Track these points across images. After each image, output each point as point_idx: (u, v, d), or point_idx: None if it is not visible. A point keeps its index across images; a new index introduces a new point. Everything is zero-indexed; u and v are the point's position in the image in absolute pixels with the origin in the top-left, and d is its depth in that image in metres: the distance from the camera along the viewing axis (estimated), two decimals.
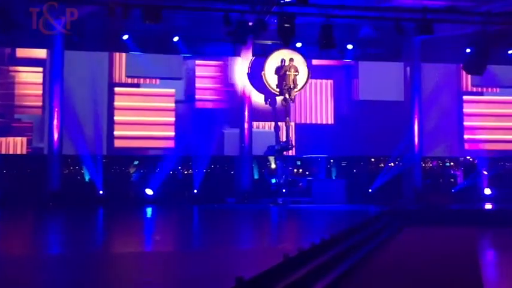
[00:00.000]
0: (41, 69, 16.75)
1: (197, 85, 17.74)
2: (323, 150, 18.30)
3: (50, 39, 16.00)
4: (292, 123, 17.85)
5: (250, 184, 17.59)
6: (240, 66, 17.72)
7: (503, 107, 19.27)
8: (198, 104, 17.69)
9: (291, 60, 17.31)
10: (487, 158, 19.26)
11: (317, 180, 17.72)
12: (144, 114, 17.23)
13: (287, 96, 17.22)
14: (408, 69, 18.60)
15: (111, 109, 17.18)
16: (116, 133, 17.06)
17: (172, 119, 17.38)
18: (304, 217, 14.40)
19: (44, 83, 16.70)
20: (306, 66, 17.63)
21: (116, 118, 17.09)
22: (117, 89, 17.20)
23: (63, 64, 16.34)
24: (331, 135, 18.22)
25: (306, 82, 17.71)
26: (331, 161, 19.73)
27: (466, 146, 19.02)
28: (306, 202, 16.81)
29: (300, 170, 17.77)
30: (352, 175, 19.50)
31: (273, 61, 17.49)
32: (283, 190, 17.02)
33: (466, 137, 18.96)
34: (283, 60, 17.33)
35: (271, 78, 17.45)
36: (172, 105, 17.42)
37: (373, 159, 20.78)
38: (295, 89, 17.37)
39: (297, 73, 17.30)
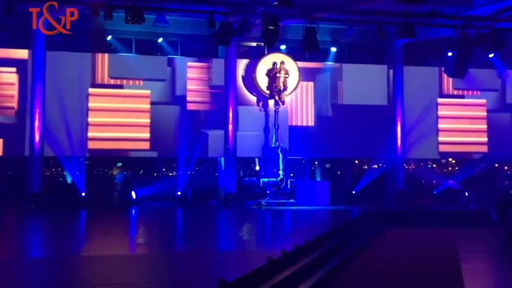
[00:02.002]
0: (14, 69, 16.41)
1: (181, 86, 17.65)
2: (306, 152, 18.34)
3: (31, 40, 15.81)
4: None
5: (234, 186, 17.57)
6: (224, 67, 17.69)
7: (483, 110, 19.56)
8: (182, 106, 17.60)
9: (282, 63, 17.44)
10: (467, 160, 19.55)
11: (301, 182, 17.76)
12: (119, 115, 16.91)
13: (277, 98, 17.30)
14: (391, 72, 18.79)
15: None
16: (90, 135, 16.70)
17: (148, 121, 17.17)
18: (288, 219, 14.44)
19: (21, 84, 16.38)
20: (297, 70, 17.74)
21: (90, 120, 16.74)
22: (91, 90, 16.90)
23: (45, 65, 16.15)
24: (313, 137, 18.29)
25: (297, 85, 17.82)
26: (316, 162, 19.81)
27: (447, 148, 19.27)
28: (290, 204, 16.86)
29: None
30: (336, 177, 19.61)
31: (265, 63, 17.60)
32: (267, 192, 17.05)
33: (447, 139, 19.21)
34: (274, 63, 17.45)
35: (261, 80, 17.55)
36: (148, 106, 17.24)
37: (356, 161, 20.92)
38: (285, 92, 17.47)
39: (287, 75, 17.43)
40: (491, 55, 17.80)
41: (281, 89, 17.30)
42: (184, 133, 17.34)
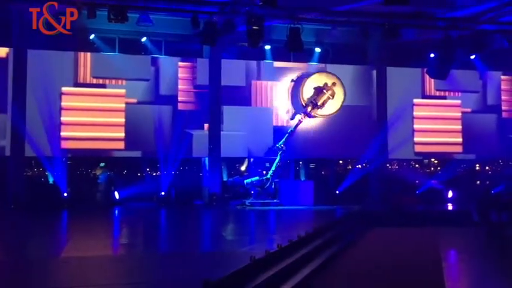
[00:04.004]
0: None
1: (165, 86, 17.54)
2: (291, 153, 18.34)
3: (12, 38, 15.56)
4: None
5: (219, 186, 17.53)
6: (209, 67, 17.63)
7: (458, 111, 19.74)
8: (166, 105, 17.49)
9: (334, 84, 17.63)
10: (449, 160, 19.77)
11: (285, 182, 17.78)
12: (96, 115, 16.65)
13: (308, 109, 17.38)
14: (374, 72, 18.93)
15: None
16: (70, 134, 16.40)
17: (123, 120, 16.90)
18: (272, 219, 14.45)
19: (3, 83, 16.14)
20: (342, 100, 17.93)
21: (69, 119, 16.44)
22: (64, 89, 16.54)
23: (26, 63, 15.91)
24: (298, 137, 18.32)
25: (334, 112, 17.92)
26: (300, 162, 19.86)
27: (422, 148, 19.42)
28: (274, 204, 16.88)
29: (267, 172, 17.84)
30: (320, 177, 19.67)
31: (319, 78, 17.86)
32: (251, 192, 17.06)
33: (423, 139, 19.33)
34: (326, 84, 17.70)
35: (307, 90, 17.74)
36: (123, 105, 16.98)
37: (341, 162, 21.02)
38: (319, 110, 17.57)
39: (331, 97, 17.59)
40: (472, 56, 18.05)
41: (318, 104, 17.42)
42: (168, 133, 17.25)
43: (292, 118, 17.87)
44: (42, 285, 6.26)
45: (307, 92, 17.82)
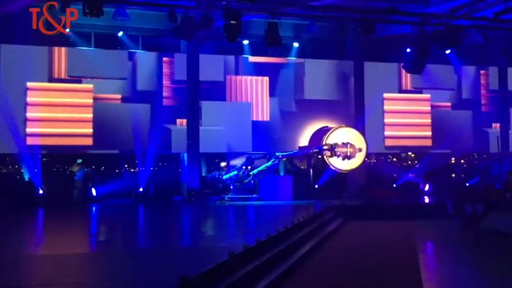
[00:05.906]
0: None
1: (142, 81, 17.38)
2: (269, 147, 18.39)
3: None
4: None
5: (198, 182, 17.47)
6: (186, 62, 17.51)
7: (427, 105, 20.00)
8: (144, 101, 17.33)
9: (359, 149, 17.39)
10: (425, 154, 20.06)
11: (264, 177, 17.81)
12: (60, 110, 16.39)
13: (325, 147, 17.16)
14: (352, 67, 19.08)
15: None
16: (36, 130, 16.05)
17: (91, 116, 16.66)
18: (251, 214, 14.46)
19: None
20: (354, 167, 17.65)
21: (33, 115, 16.10)
22: (29, 84, 16.18)
23: None
24: (277, 132, 18.39)
25: (338, 169, 17.54)
26: (279, 157, 19.89)
27: (399, 142, 19.64)
28: (254, 199, 16.90)
29: (249, 167, 17.85)
30: (299, 172, 19.74)
31: (354, 136, 17.46)
32: (231, 187, 17.04)
33: (393, 133, 19.54)
34: (354, 144, 17.34)
35: (333, 137, 17.39)
36: (91, 101, 16.73)
37: (319, 156, 21.13)
38: (331, 158, 17.33)
39: (347, 156, 17.32)
40: (448, 51, 18.30)
41: (335, 150, 17.10)
42: (146, 128, 17.10)
43: (304, 150, 17.74)
44: (18, 283, 6.15)
45: (334, 137, 17.49)
